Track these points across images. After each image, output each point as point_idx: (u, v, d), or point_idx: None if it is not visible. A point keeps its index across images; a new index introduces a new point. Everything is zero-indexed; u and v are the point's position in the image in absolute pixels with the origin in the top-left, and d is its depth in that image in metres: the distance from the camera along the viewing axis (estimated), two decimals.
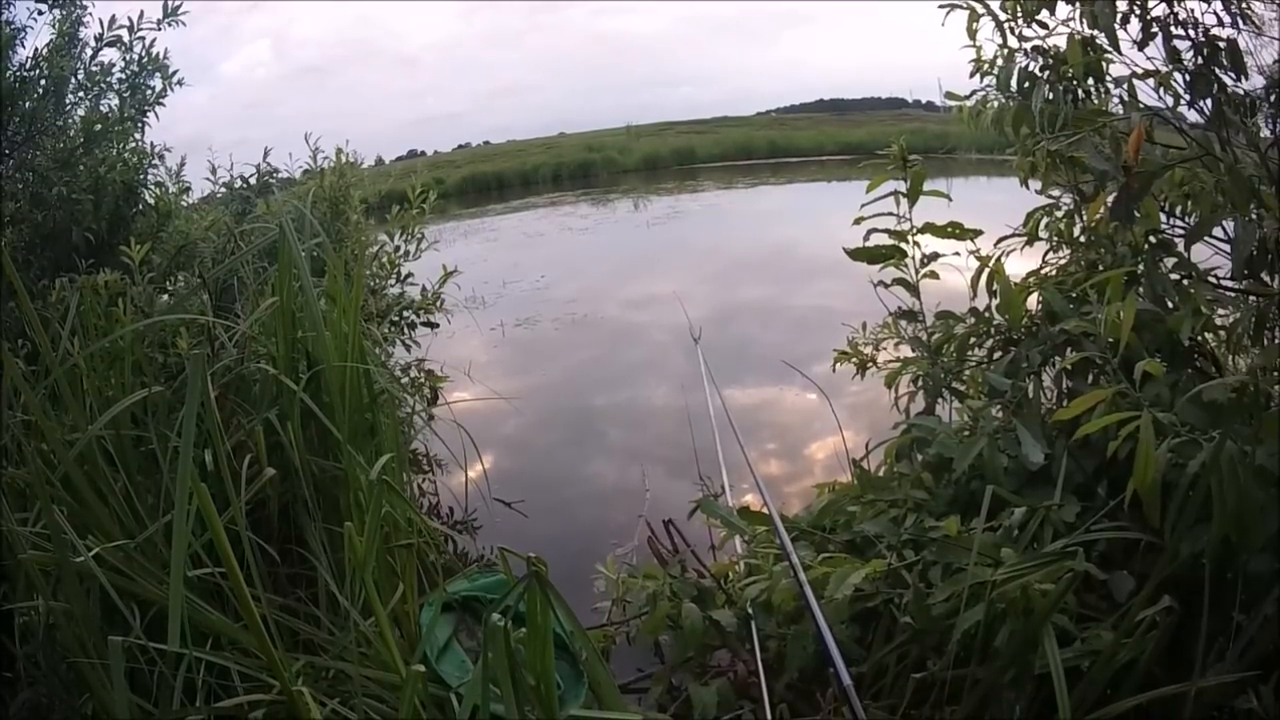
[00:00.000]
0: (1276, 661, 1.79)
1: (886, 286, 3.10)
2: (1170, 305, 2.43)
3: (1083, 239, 2.87)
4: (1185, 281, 2.46)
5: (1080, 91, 2.68)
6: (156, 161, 4.38)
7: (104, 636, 1.81)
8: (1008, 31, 2.79)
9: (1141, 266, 2.51)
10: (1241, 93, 2.33)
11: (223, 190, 4.87)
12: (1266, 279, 2.25)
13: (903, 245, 3.02)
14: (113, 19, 3.95)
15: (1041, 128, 2.66)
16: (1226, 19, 2.30)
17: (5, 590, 2.10)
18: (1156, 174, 2.30)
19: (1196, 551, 1.89)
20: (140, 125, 4.15)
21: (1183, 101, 2.40)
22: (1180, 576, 1.93)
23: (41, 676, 2.06)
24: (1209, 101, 2.33)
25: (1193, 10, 2.33)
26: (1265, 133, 2.33)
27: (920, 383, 2.99)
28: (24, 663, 2.09)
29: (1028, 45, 2.75)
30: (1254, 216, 2.14)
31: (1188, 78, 2.34)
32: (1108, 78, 2.64)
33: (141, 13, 3.94)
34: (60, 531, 1.93)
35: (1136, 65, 2.45)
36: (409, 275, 5.22)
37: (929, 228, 2.91)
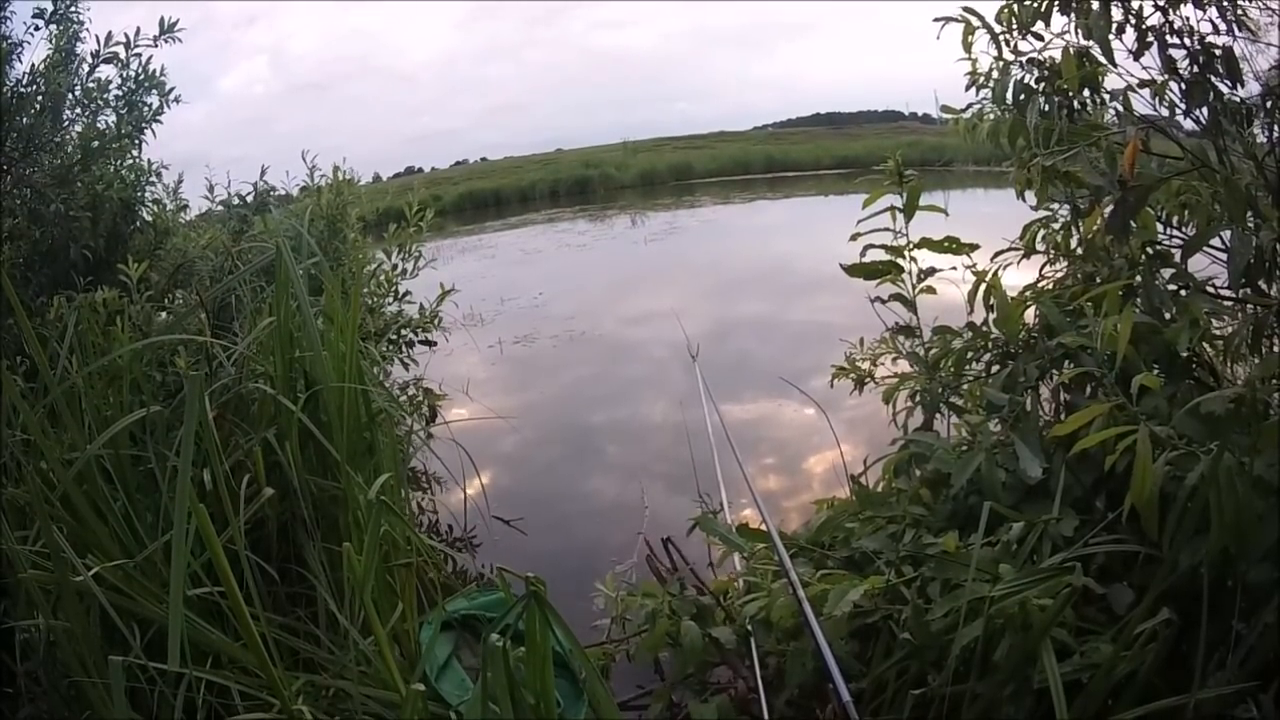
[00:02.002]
0: (1276, 670, 1.79)
1: (884, 302, 3.10)
2: (1168, 317, 2.43)
3: (1079, 251, 2.87)
4: (1183, 292, 2.46)
5: (1076, 104, 2.68)
6: (154, 179, 4.38)
7: (104, 655, 1.82)
8: (1003, 44, 2.79)
9: (1139, 278, 2.51)
10: (1238, 100, 2.33)
11: (220, 208, 4.87)
12: (1264, 288, 2.25)
13: (899, 261, 3.02)
14: (109, 36, 3.95)
15: (1037, 142, 2.66)
16: (1222, 26, 2.30)
17: (6, 607, 2.10)
18: (1153, 187, 2.29)
19: (1195, 563, 1.89)
20: (137, 142, 4.15)
21: (1178, 111, 2.40)
22: (1179, 587, 1.92)
23: (42, 693, 2.07)
24: (1205, 110, 2.33)
25: (1188, 18, 2.34)
26: (1261, 139, 2.33)
27: (918, 398, 2.98)
28: (24, 679, 2.09)
29: (1023, 58, 2.76)
30: (1250, 226, 2.14)
31: (1183, 87, 2.35)
32: (1104, 90, 2.63)
33: (138, 29, 3.94)
34: (60, 550, 1.93)
35: (1132, 76, 2.45)
36: (407, 293, 5.23)
37: (925, 243, 2.91)
